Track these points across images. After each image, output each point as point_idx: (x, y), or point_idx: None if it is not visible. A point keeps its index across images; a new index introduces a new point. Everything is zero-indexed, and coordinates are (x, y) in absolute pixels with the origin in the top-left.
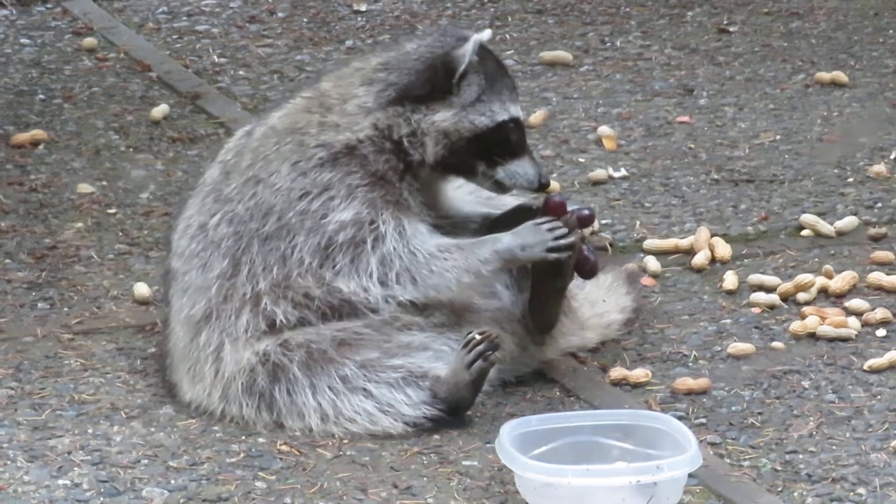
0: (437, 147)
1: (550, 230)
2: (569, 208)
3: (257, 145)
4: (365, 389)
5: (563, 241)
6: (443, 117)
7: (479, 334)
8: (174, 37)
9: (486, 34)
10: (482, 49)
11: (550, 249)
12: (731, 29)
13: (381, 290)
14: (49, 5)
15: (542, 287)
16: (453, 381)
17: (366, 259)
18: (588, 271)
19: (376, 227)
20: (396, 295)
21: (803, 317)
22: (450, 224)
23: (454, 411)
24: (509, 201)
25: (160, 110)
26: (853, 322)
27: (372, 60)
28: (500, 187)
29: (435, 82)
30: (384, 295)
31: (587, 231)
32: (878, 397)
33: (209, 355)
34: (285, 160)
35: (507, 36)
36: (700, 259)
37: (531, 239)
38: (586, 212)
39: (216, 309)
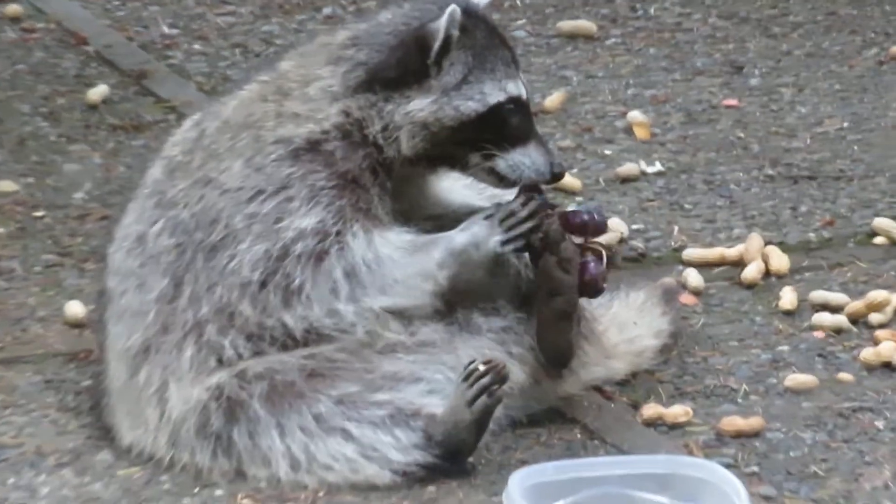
0: (413, 140)
1: (503, 220)
2: (578, 209)
3: (209, 143)
4: (344, 430)
5: (517, 231)
6: (419, 105)
7: (484, 364)
8: (115, 3)
9: None
10: (470, 17)
11: (505, 242)
12: None
13: (352, 307)
14: None
15: (546, 310)
16: (452, 421)
17: (328, 273)
18: (588, 287)
19: (343, 238)
20: (370, 306)
21: (876, 342)
22: (437, 225)
23: (453, 457)
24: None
25: (98, 92)
26: None
27: (340, 35)
28: (504, 181)
29: (408, 63)
30: (356, 311)
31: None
32: None
33: (151, 396)
34: (238, 157)
35: (518, 2)
36: (751, 272)
37: (481, 234)
38: (596, 217)
39: (155, 341)
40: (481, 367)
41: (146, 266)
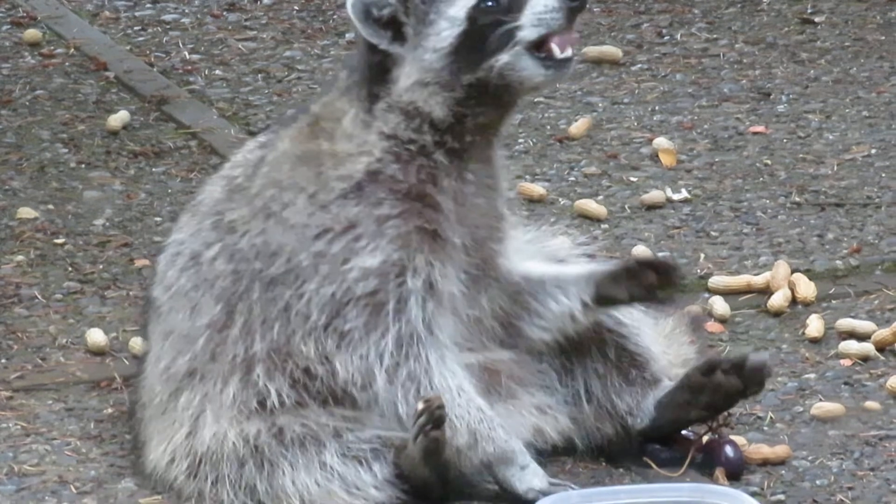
0: (436, 99)
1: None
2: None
3: (268, 170)
4: (327, 465)
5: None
6: (407, 74)
7: (424, 402)
8: (136, 28)
9: None
10: None
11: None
12: (816, 19)
13: (385, 380)
14: None
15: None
16: (408, 455)
17: (381, 331)
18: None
19: (403, 281)
20: (397, 398)
21: None
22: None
23: (421, 495)
24: (568, 260)
25: (119, 118)
26: None
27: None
28: (539, 47)
29: (372, 58)
30: (388, 395)
31: None
32: None
33: (185, 419)
34: (301, 191)
35: None
36: (778, 300)
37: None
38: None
39: (201, 367)
40: (420, 405)
41: (199, 289)
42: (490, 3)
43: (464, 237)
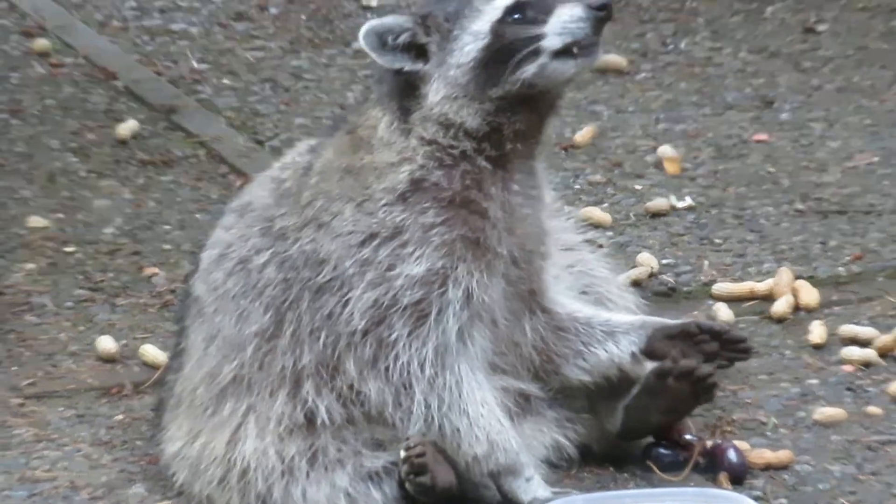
0: (468, 111)
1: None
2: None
3: (318, 180)
4: (336, 484)
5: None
6: (435, 90)
7: (406, 450)
8: (144, 38)
9: None
10: None
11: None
12: (819, 28)
13: (424, 391)
14: None
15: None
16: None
17: (424, 338)
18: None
19: (445, 291)
20: (433, 408)
21: None
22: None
23: None
24: (615, 300)
25: (128, 127)
26: None
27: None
28: (565, 55)
29: (398, 79)
30: (423, 406)
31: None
32: None
33: (227, 428)
34: (349, 201)
35: None
36: (781, 306)
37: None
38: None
39: (248, 376)
40: (402, 454)
41: (248, 296)
42: (517, 16)
43: (512, 248)
